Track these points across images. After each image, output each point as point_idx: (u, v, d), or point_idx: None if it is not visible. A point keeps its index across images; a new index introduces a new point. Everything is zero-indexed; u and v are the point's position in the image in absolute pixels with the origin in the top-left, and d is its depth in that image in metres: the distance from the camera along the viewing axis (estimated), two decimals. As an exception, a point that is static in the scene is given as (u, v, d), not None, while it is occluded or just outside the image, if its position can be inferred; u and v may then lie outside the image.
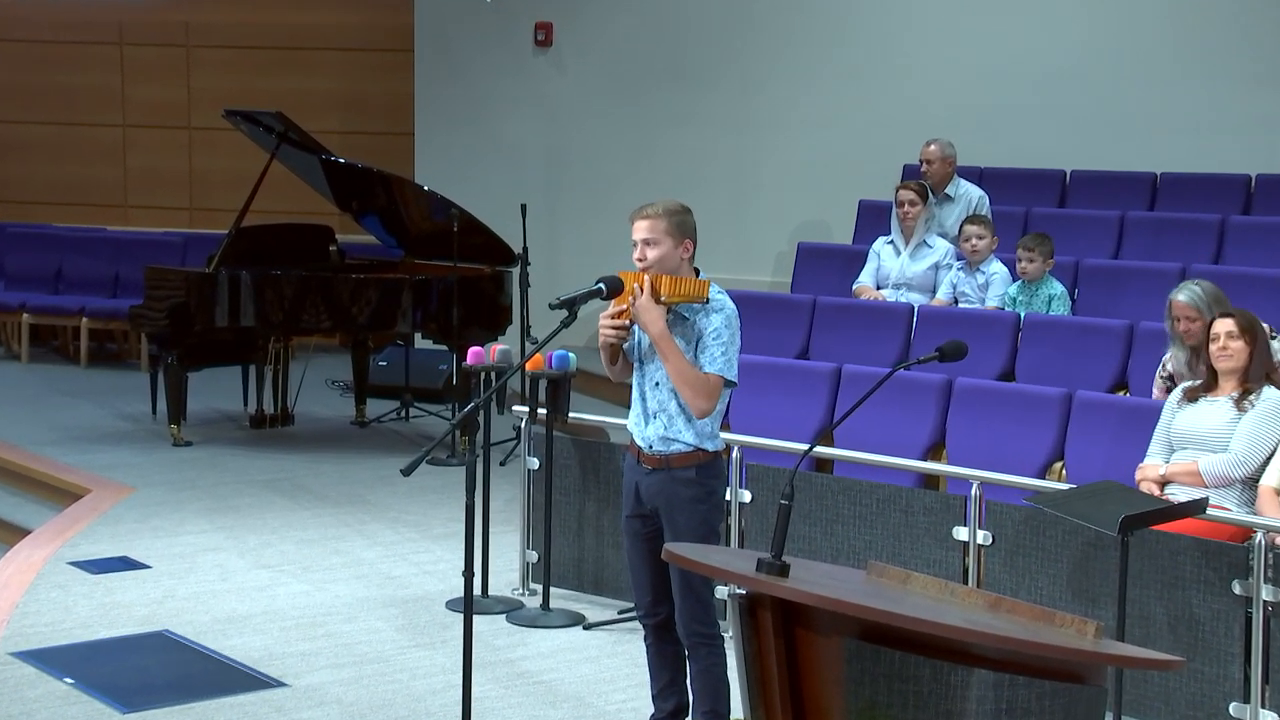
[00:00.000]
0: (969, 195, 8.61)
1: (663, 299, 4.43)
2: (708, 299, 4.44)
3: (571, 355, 6.18)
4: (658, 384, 4.52)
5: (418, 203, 9.35)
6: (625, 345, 4.59)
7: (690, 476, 4.48)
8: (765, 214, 10.78)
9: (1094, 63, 9.90)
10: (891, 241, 8.18)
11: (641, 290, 4.41)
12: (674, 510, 4.48)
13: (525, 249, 9.16)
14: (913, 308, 7.65)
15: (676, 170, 10.92)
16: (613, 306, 4.48)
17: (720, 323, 4.45)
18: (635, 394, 4.60)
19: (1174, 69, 9.73)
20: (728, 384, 4.47)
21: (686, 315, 4.48)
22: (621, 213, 4.56)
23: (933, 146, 8.63)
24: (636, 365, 4.59)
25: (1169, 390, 5.84)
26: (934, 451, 6.60)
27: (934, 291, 7.99)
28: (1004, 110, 9.97)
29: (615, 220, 5.73)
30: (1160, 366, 6.19)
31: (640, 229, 4.49)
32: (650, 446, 4.53)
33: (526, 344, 9.07)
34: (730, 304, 4.50)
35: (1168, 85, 9.71)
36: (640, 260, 4.48)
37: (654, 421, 4.52)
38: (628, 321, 4.48)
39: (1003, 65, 10.05)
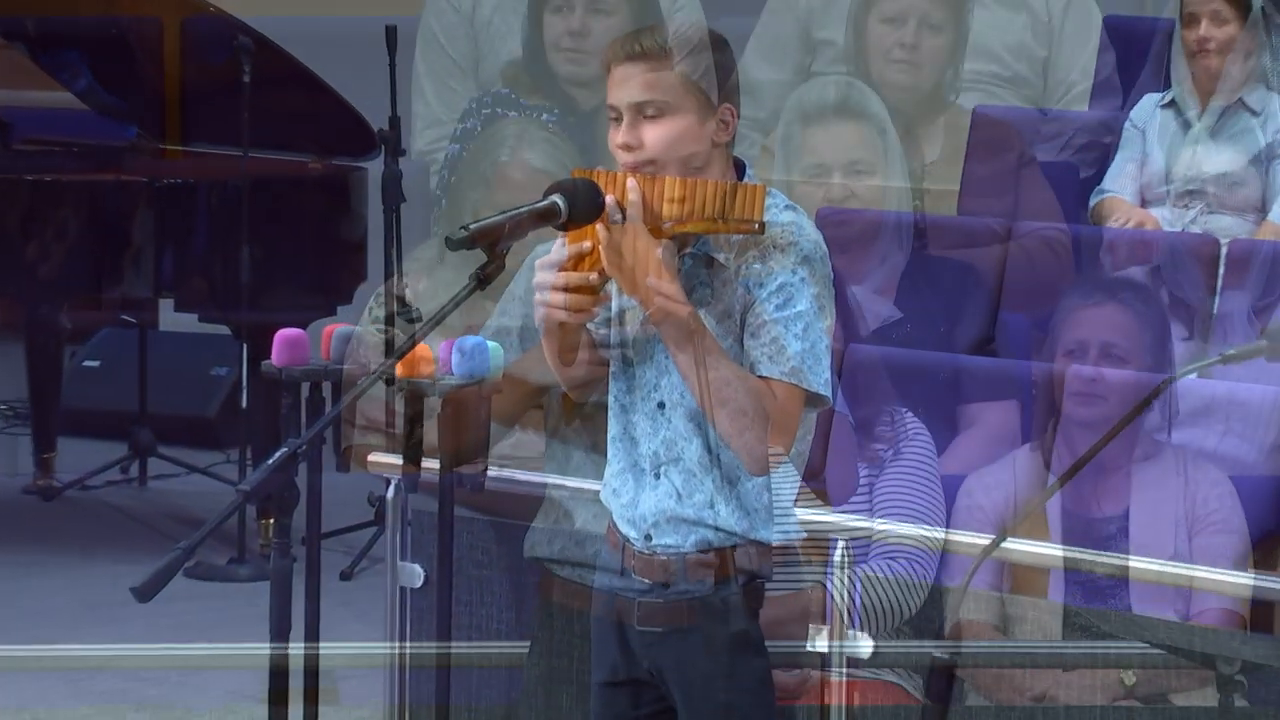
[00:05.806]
0: None
1: (667, 224, 4.59)
2: (762, 222, 4.54)
3: (493, 347, 6.13)
4: (663, 405, 4.74)
5: (168, 25, 9.50)
6: (598, 329, 4.85)
7: (729, 600, 4.60)
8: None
9: None
10: (1172, 103, 8.28)
11: (623, 208, 4.60)
12: (693, 675, 4.73)
13: (395, 121, 9.32)
14: (1217, 245, 7.75)
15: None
16: (565, 244, 4.71)
17: (792, 274, 4.64)
18: (615, 429, 4.86)
19: None
20: (813, 401, 4.67)
21: (721, 259, 4.64)
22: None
23: None
24: (617, 366, 4.81)
25: None
26: (1270, 547, 6.56)
27: (1263, 210, 8.07)
28: None
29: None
30: None
31: (626, 83, 4.69)
32: (646, 536, 4.74)
33: (398, 322, 9.00)
34: (812, 234, 4.75)
35: None
36: (628, 148, 4.73)
37: (655, 485, 4.75)
38: (595, 276, 4.68)
39: None
